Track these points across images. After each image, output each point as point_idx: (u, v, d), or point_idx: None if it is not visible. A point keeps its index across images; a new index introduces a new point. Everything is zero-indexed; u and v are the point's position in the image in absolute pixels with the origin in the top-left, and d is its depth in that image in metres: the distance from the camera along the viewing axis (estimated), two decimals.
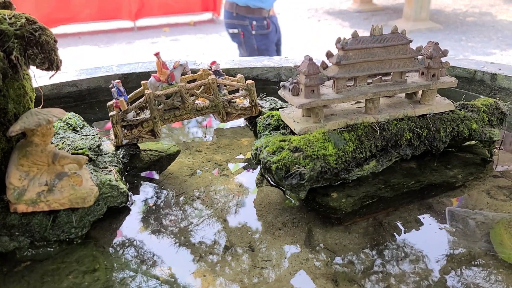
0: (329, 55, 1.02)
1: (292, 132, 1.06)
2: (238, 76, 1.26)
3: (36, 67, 0.85)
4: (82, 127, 1.16)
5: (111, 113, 1.09)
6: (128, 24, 7.12)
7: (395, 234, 0.88)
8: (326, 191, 0.98)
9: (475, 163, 1.10)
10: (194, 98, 1.15)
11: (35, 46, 0.82)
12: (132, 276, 0.79)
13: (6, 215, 0.83)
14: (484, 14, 7.61)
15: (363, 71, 1.01)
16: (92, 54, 5.84)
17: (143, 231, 0.91)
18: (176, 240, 0.88)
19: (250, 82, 1.19)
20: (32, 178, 0.85)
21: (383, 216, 0.93)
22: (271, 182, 1.05)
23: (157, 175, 1.11)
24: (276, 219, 0.93)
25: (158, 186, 1.06)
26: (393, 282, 0.76)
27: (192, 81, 1.24)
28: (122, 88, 1.11)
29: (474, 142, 1.15)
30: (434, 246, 0.84)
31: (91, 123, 1.30)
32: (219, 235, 0.89)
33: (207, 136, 1.32)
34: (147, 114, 1.14)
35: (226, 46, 6.00)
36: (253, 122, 1.27)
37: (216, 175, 1.10)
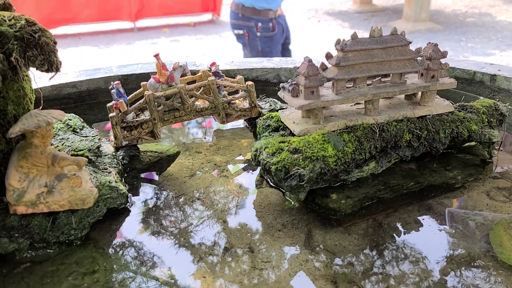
0: (328, 56, 1.02)
1: (291, 133, 1.06)
2: (238, 77, 1.26)
3: (36, 68, 0.85)
4: (81, 128, 1.16)
5: (111, 114, 1.09)
6: (128, 25, 7.12)
7: (394, 235, 0.88)
8: (326, 193, 0.98)
9: (475, 164, 1.10)
10: (193, 99, 1.15)
11: (34, 48, 0.82)
12: (131, 278, 0.79)
13: (6, 217, 0.83)
14: (483, 14, 7.61)
15: (362, 73, 1.01)
16: (92, 55, 5.85)
17: (142, 232, 0.91)
18: (175, 241, 0.88)
19: (250, 83, 1.19)
20: (32, 180, 0.85)
21: (382, 217, 0.93)
22: (271, 183, 1.05)
23: (156, 176, 1.11)
24: (276, 220, 0.93)
25: (158, 187, 1.06)
26: (392, 283, 0.76)
27: (191, 82, 1.24)
28: (121, 89, 1.11)
29: (474, 143, 1.15)
30: (434, 247, 0.84)
31: (90, 124, 1.30)
32: (218, 236, 0.89)
33: (206, 137, 1.33)
34: (147, 115, 1.14)
35: (226, 47, 6.00)
36: (252, 123, 1.27)
37: (215, 176, 1.10)
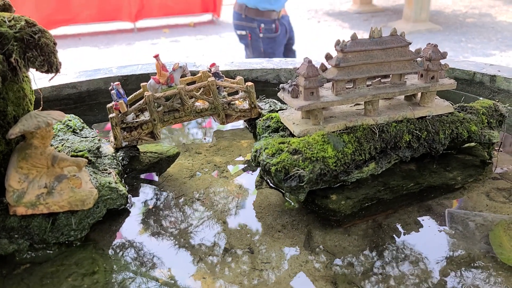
0: (328, 57, 1.02)
1: (291, 134, 1.06)
2: (238, 78, 1.26)
3: (36, 69, 0.85)
4: (81, 129, 1.16)
5: (111, 115, 1.09)
6: (128, 25, 7.12)
7: (394, 236, 0.88)
8: (326, 193, 0.98)
9: (475, 165, 1.10)
10: (193, 100, 1.15)
11: (34, 49, 0.82)
12: (131, 278, 0.79)
13: (6, 218, 0.83)
14: (483, 15, 7.61)
15: (362, 73, 1.01)
16: (92, 55, 5.85)
17: (142, 233, 0.91)
18: (175, 242, 0.88)
19: (250, 84, 1.19)
20: (32, 181, 0.85)
21: (382, 218, 0.93)
22: (271, 184, 1.05)
23: (156, 177, 1.11)
24: (276, 221, 0.93)
25: (158, 188, 1.06)
26: (392, 284, 0.76)
27: (191, 83, 1.24)
28: (121, 90, 1.11)
29: (474, 144, 1.15)
30: (434, 248, 0.84)
31: (90, 125, 1.30)
32: (218, 237, 0.89)
33: (206, 138, 1.33)
34: (147, 116, 1.14)
35: (226, 47, 6.00)
36: (252, 124, 1.27)
37: (215, 177, 1.10)
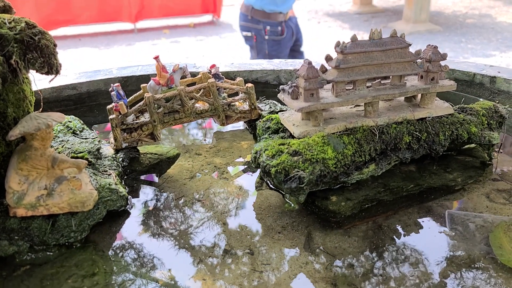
0: (328, 58, 1.02)
1: (291, 135, 1.06)
2: (238, 79, 1.26)
3: (36, 71, 0.85)
4: (81, 130, 1.16)
5: (111, 116, 1.09)
6: (128, 26, 7.13)
7: (394, 237, 0.88)
8: (326, 195, 0.98)
9: (475, 166, 1.10)
10: (193, 101, 1.15)
11: (34, 50, 0.82)
12: (131, 280, 0.79)
13: (6, 219, 0.83)
14: (483, 16, 7.62)
15: (362, 75, 1.01)
16: (92, 56, 5.85)
17: (142, 234, 0.91)
18: (175, 243, 0.88)
19: (250, 85, 1.20)
20: (32, 182, 0.85)
21: (382, 219, 0.93)
22: (271, 186, 1.05)
23: (156, 178, 1.11)
24: (276, 222, 0.93)
25: (158, 189, 1.06)
26: (392, 285, 0.76)
27: (191, 84, 1.24)
28: (121, 91, 1.11)
29: (474, 145, 1.15)
30: (434, 249, 0.84)
31: (90, 126, 1.30)
32: (218, 238, 0.89)
33: (206, 139, 1.33)
34: (147, 117, 1.14)
35: (226, 48, 6.01)
36: (252, 125, 1.27)
37: (215, 178, 1.10)
